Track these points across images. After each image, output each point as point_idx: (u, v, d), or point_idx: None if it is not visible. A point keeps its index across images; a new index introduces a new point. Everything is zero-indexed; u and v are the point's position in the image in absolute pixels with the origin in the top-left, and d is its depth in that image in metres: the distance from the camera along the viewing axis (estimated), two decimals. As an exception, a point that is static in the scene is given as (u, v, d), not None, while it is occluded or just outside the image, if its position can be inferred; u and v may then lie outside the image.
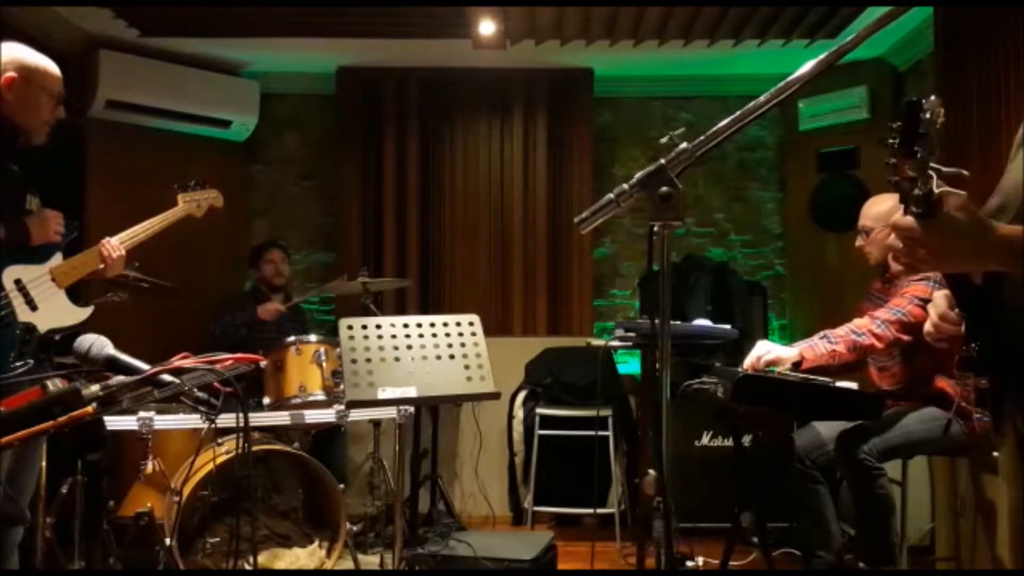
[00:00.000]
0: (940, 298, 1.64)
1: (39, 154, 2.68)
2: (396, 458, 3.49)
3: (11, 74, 2.52)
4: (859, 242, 3.24)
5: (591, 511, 4.45)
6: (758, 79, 4.85)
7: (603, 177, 5.35)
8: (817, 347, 2.93)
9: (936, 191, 1.20)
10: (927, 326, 1.71)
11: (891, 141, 1.22)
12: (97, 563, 3.15)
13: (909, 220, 1.24)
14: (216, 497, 3.34)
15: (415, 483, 3.05)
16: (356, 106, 5.29)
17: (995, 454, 1.56)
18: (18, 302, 2.50)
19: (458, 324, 2.54)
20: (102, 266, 2.75)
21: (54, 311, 2.59)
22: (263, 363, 3.50)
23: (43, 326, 2.54)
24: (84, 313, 2.67)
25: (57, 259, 2.66)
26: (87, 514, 3.08)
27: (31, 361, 2.40)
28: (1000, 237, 1.25)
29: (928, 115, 1.19)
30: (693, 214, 5.36)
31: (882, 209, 3.18)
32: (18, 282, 2.52)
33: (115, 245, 2.79)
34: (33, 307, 2.53)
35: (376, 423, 3.90)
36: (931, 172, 1.20)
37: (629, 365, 5.07)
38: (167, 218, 3.09)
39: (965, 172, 1.26)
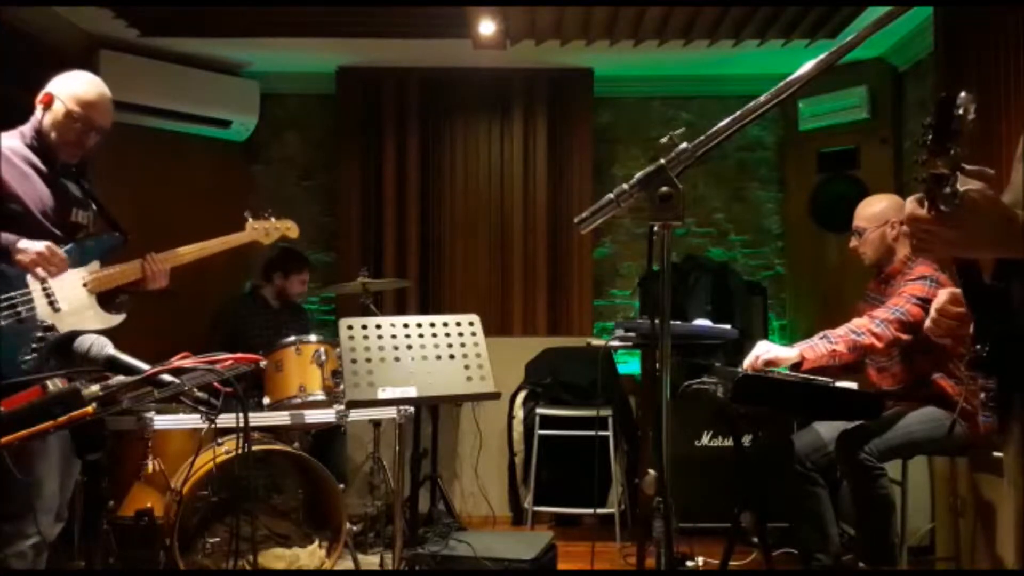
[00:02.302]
0: (942, 294, 1.65)
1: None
2: (396, 458, 3.48)
3: (48, 92, 2.65)
4: (853, 243, 3.25)
5: (591, 511, 4.44)
6: (758, 79, 4.84)
7: (603, 177, 5.35)
8: (817, 347, 2.93)
9: (960, 189, 1.18)
10: (928, 322, 1.72)
11: (924, 138, 1.18)
12: (97, 563, 3.14)
13: (924, 213, 1.21)
14: (216, 497, 3.34)
15: (415, 483, 3.04)
16: (356, 106, 5.29)
17: (996, 454, 1.56)
18: (41, 304, 2.50)
19: (458, 324, 2.54)
20: (141, 278, 2.76)
21: (80, 315, 2.59)
22: (263, 363, 3.50)
23: (65, 328, 2.53)
24: (114, 320, 2.67)
25: (94, 266, 2.67)
26: (87, 514, 3.07)
27: (36, 355, 2.39)
28: None
29: (961, 111, 1.17)
30: (693, 214, 5.36)
31: (875, 210, 3.18)
32: (43, 282, 2.52)
33: (158, 259, 2.79)
34: (55, 308, 2.53)
35: (376, 423, 3.90)
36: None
37: (629, 365, 5.07)
38: (229, 241, 3.09)
39: (990, 170, 1.24)
